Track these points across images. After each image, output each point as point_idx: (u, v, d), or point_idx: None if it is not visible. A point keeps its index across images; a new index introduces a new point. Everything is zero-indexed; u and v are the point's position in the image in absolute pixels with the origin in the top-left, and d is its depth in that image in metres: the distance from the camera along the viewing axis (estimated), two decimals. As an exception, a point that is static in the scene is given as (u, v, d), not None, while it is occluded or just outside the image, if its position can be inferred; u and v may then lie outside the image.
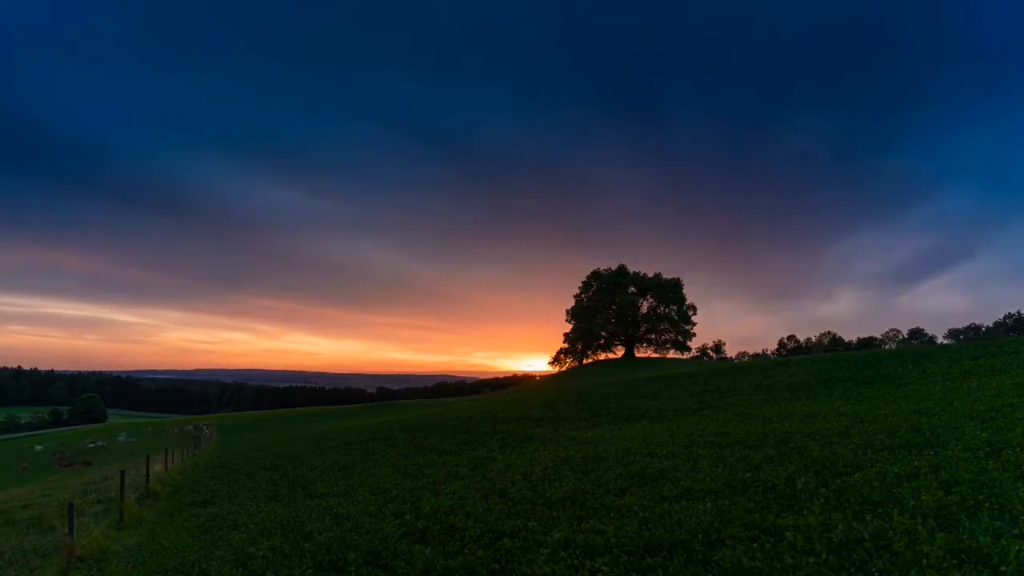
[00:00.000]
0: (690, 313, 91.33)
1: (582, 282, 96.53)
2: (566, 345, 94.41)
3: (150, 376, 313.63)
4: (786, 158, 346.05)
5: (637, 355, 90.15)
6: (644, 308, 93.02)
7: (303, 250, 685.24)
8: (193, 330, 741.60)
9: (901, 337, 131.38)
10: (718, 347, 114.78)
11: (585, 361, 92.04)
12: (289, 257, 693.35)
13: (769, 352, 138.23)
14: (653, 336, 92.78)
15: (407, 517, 8.82)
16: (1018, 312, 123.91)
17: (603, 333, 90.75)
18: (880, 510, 6.15)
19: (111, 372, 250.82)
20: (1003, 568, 4.44)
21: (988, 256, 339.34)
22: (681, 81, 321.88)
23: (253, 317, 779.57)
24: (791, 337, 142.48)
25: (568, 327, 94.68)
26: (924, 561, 4.73)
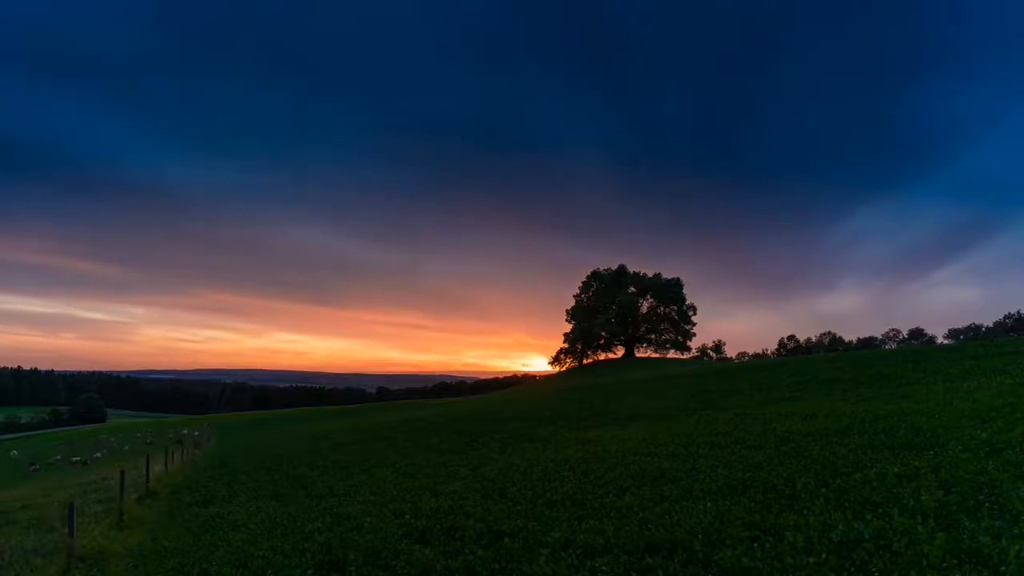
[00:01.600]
0: (690, 313, 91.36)
1: (582, 282, 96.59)
2: (566, 345, 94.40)
3: (150, 376, 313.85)
4: (779, 118, 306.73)
5: (637, 355, 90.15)
6: (644, 308, 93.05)
7: (275, 245, 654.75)
8: (169, 328, 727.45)
9: (901, 337, 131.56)
10: (718, 347, 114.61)
11: (585, 361, 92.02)
12: (262, 253, 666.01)
13: (769, 352, 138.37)
14: (653, 336, 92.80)
15: (407, 517, 8.82)
16: (1018, 312, 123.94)
17: (603, 333, 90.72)
18: (880, 510, 6.15)
19: (111, 372, 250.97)
20: (1003, 568, 4.44)
21: (1011, 236, 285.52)
22: (655, 38, 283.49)
23: (231, 315, 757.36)
24: (791, 337, 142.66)
25: (568, 327, 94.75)
26: (924, 561, 4.73)
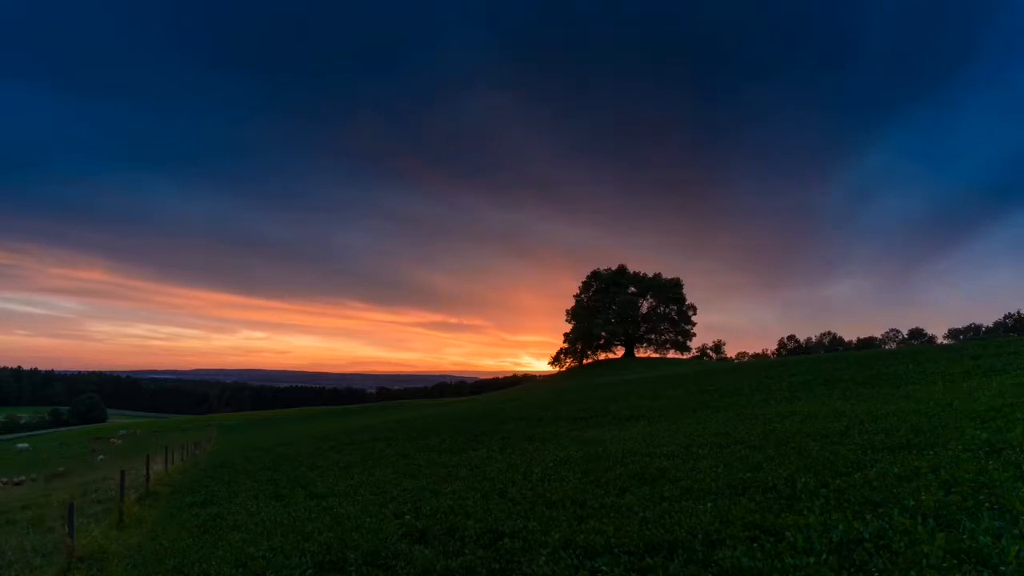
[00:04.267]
0: (690, 313, 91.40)
1: (582, 282, 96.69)
2: (566, 345, 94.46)
3: (150, 376, 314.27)
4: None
5: (637, 355, 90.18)
6: (644, 308, 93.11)
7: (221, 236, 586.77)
8: (118, 324, 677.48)
9: (901, 337, 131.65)
10: (718, 347, 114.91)
11: (585, 361, 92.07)
12: (206, 242, 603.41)
13: (769, 352, 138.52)
14: (653, 336, 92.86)
15: (407, 517, 8.82)
16: (1018, 312, 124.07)
17: (603, 333, 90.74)
18: (880, 510, 6.15)
19: (111, 372, 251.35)
20: (1003, 568, 4.44)
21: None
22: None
23: (187, 311, 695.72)
24: (791, 337, 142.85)
25: (568, 327, 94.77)
26: (924, 561, 4.73)
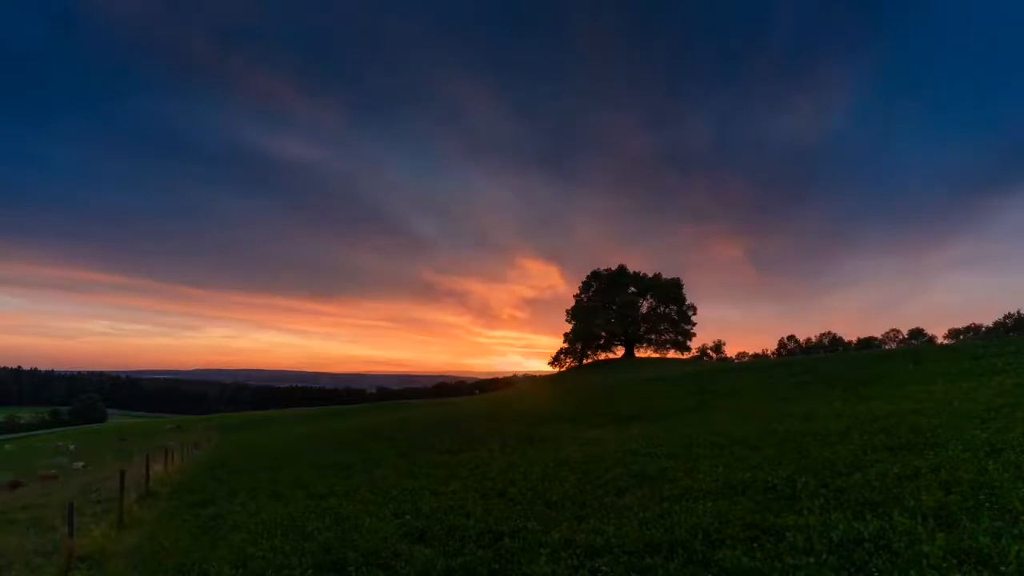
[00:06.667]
0: (690, 313, 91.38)
1: (582, 282, 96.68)
2: (566, 345, 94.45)
3: (150, 376, 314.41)
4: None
5: (637, 355, 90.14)
6: (644, 308, 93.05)
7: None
8: (67, 318, 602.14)
9: (901, 337, 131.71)
10: (718, 347, 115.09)
11: (585, 361, 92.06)
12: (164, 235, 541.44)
13: (769, 352, 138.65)
14: (653, 336, 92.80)
15: (407, 517, 8.82)
16: (1018, 312, 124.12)
17: (603, 333, 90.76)
18: (880, 510, 6.15)
19: (111, 372, 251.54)
20: (1003, 568, 4.44)
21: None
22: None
23: (115, 304, 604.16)
24: (791, 337, 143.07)
25: (568, 326, 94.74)
26: (924, 561, 4.73)
